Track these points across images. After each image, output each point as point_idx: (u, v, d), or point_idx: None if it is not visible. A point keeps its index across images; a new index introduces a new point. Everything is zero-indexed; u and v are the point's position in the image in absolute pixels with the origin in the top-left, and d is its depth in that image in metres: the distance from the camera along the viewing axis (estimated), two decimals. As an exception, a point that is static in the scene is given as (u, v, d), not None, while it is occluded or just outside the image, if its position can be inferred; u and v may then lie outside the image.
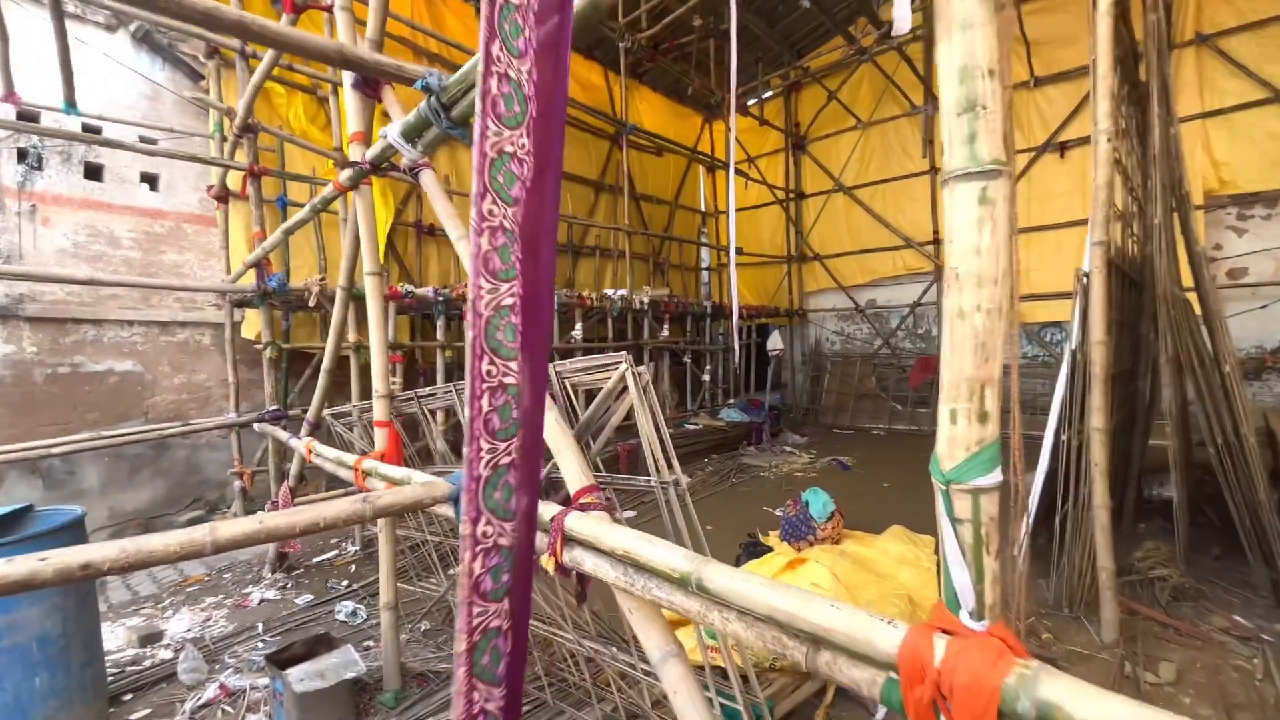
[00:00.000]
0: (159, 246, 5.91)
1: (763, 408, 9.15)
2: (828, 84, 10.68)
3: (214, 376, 6.18)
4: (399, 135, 1.99)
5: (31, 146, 5.20)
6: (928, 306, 10.46)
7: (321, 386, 3.54)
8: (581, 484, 1.52)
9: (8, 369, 5.06)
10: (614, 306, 7.45)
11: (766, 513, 5.48)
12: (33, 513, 2.45)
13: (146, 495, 5.80)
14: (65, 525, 2.36)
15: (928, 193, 10.19)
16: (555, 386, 1.80)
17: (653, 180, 11.31)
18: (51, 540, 2.31)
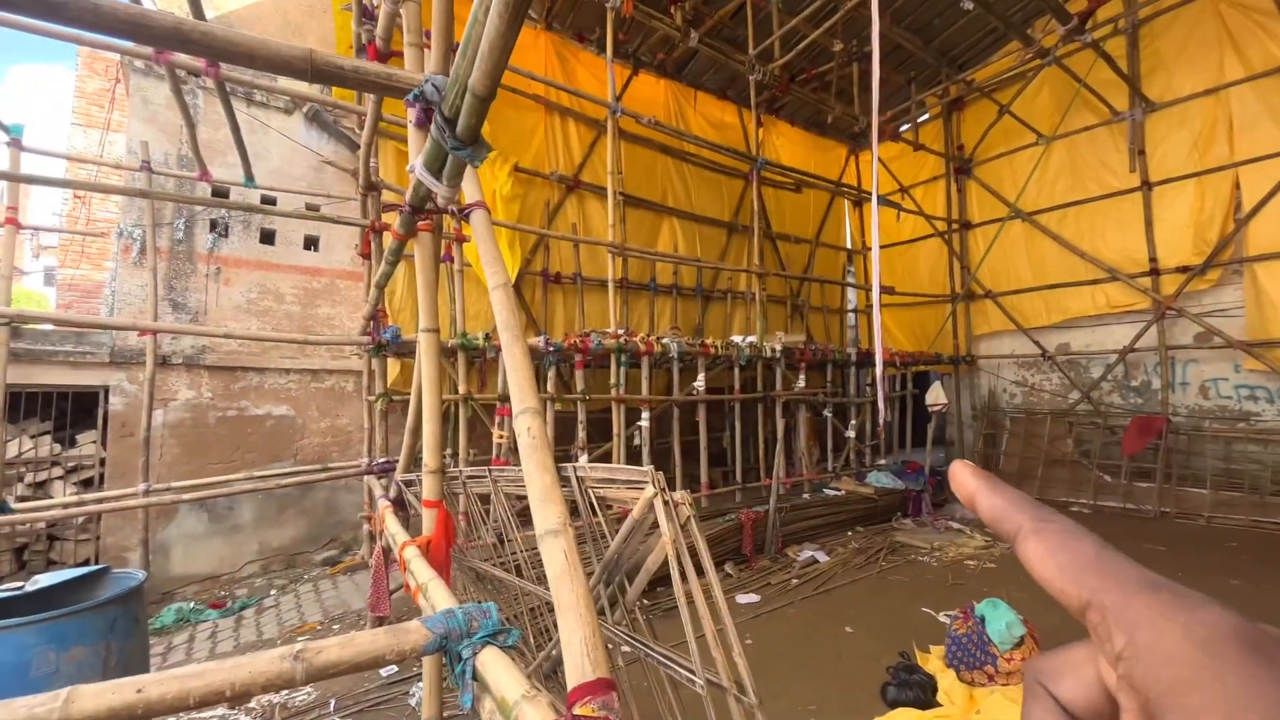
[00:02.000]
0: (315, 301, 6.46)
1: (921, 472, 7.78)
2: (998, 97, 9.29)
3: (354, 421, 6.54)
4: (423, 168, 1.66)
5: (220, 217, 5.96)
6: (1144, 353, 8.36)
7: (407, 446, 3.35)
8: (584, 675, 0.95)
9: (188, 412, 5.71)
10: (741, 354, 6.79)
11: (926, 616, 4.35)
12: (106, 575, 2.41)
13: (290, 532, 6.18)
14: (129, 591, 2.26)
15: (1139, 213, 8.26)
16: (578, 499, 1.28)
17: (791, 218, 10.58)
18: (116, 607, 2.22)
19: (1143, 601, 0.19)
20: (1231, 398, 7.67)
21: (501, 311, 1.64)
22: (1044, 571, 0.23)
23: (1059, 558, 0.22)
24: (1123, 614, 0.20)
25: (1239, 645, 0.17)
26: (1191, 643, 0.18)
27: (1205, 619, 0.18)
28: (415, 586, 1.86)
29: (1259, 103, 7.26)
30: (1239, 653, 0.17)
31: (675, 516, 0.99)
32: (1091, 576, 0.21)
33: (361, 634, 1.20)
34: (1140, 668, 0.19)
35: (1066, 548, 0.22)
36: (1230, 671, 0.17)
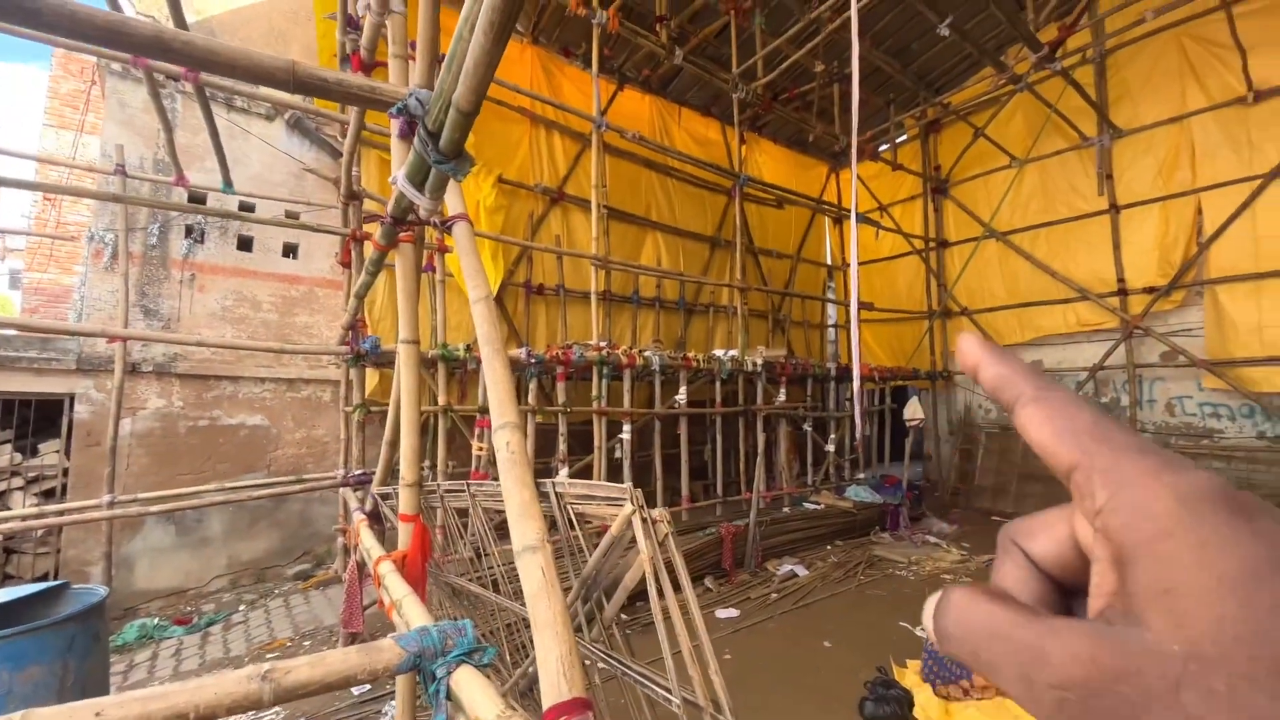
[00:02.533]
0: (293, 309, 6.37)
1: (899, 486, 7.86)
2: (973, 121, 9.56)
3: (331, 432, 6.43)
4: (405, 180, 1.65)
5: (196, 223, 5.86)
6: (1114, 371, 8.59)
7: (384, 458, 3.30)
8: (560, 694, 0.94)
9: (158, 421, 5.56)
10: (723, 368, 6.82)
11: (904, 630, 4.38)
12: (66, 591, 2.33)
13: (262, 546, 6.03)
14: (89, 608, 2.18)
15: (1107, 235, 8.53)
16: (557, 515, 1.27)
17: (773, 233, 10.73)
18: (75, 624, 2.14)
19: (1131, 461, 0.20)
20: (1196, 415, 7.90)
21: (483, 325, 1.64)
22: (1040, 435, 0.23)
23: (1056, 423, 0.23)
24: (1110, 472, 0.21)
25: (1219, 503, 0.18)
26: (1174, 499, 0.19)
27: (1190, 479, 0.19)
28: (390, 603, 1.83)
29: (1219, 131, 7.57)
30: (1217, 509, 0.18)
31: (653, 534, 0.99)
32: (1085, 439, 0.22)
33: (332, 653, 1.18)
34: (1119, 519, 0.20)
35: (1065, 414, 0.23)
36: (1206, 524, 0.18)
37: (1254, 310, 7.28)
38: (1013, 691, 0.20)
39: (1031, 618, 0.21)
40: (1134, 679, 0.17)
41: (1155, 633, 0.18)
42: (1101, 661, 0.18)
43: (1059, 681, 0.19)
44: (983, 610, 0.22)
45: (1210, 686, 0.16)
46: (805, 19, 7.37)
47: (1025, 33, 6.57)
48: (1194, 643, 0.17)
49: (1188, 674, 0.17)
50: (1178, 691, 0.17)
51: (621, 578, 1.15)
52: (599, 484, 1.17)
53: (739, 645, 4.20)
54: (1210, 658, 0.17)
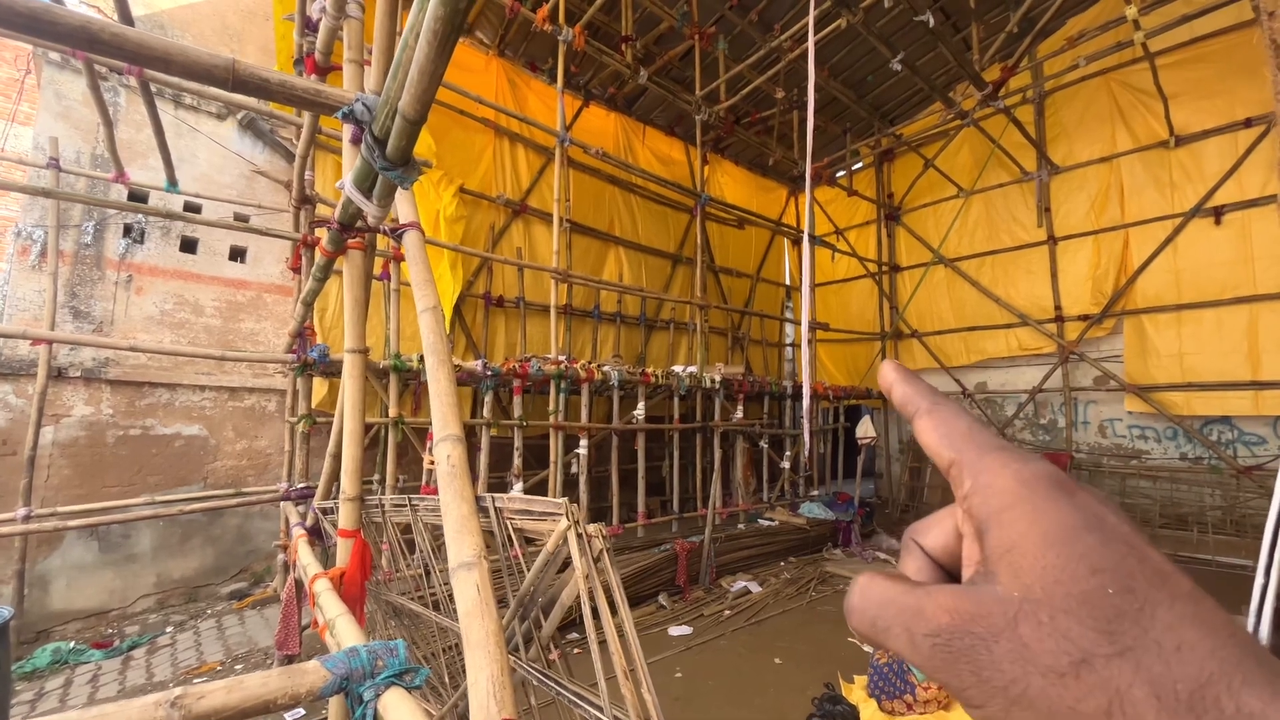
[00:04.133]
0: (239, 315, 6.12)
1: (851, 503, 8.03)
2: (924, 152, 10.00)
3: (274, 444, 6.17)
4: (353, 185, 1.62)
5: (136, 222, 5.59)
6: (1051, 393, 9.03)
7: (327, 471, 3.19)
8: (490, 716, 0.92)
9: (84, 430, 5.23)
10: (681, 384, 6.87)
11: (852, 646, 4.45)
12: (-35, 612, 2.15)
13: (195, 563, 5.71)
14: (-9, 632, 2.01)
15: (1046, 264, 9.01)
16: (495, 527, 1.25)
17: (734, 253, 10.92)
18: (-28, 649, 1.97)
19: (990, 456, 0.26)
20: (1125, 437, 8.35)
21: (429, 335, 1.61)
22: (928, 440, 0.28)
23: (940, 429, 0.28)
24: (974, 464, 0.26)
25: (1049, 482, 0.24)
26: (1016, 480, 0.24)
27: (1030, 466, 0.25)
28: (323, 623, 1.76)
29: (1145, 172, 8.13)
30: (1048, 487, 0.24)
31: (589, 550, 0.98)
32: (960, 441, 0.27)
33: (251, 676, 1.12)
34: (978, 499, 0.25)
35: (948, 422, 0.28)
36: (1038, 496, 0.24)
37: (1175, 338, 7.79)
38: (897, 645, 0.24)
39: (915, 587, 0.26)
40: (985, 620, 0.22)
41: (1003, 584, 0.23)
42: (962, 609, 0.23)
43: (931, 630, 0.23)
44: (879, 586, 0.26)
45: (1038, 619, 0.21)
46: (766, 47, 7.60)
47: (971, 72, 6.93)
48: (1028, 588, 0.22)
49: (1023, 611, 0.22)
50: (1016, 625, 0.21)
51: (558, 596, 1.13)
52: (537, 499, 1.16)
53: (690, 663, 4.18)
54: (1038, 598, 0.22)
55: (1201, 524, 7.17)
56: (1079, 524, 0.22)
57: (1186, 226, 7.71)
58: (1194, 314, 7.61)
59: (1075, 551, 0.22)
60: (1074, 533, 0.22)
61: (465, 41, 7.61)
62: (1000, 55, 8.30)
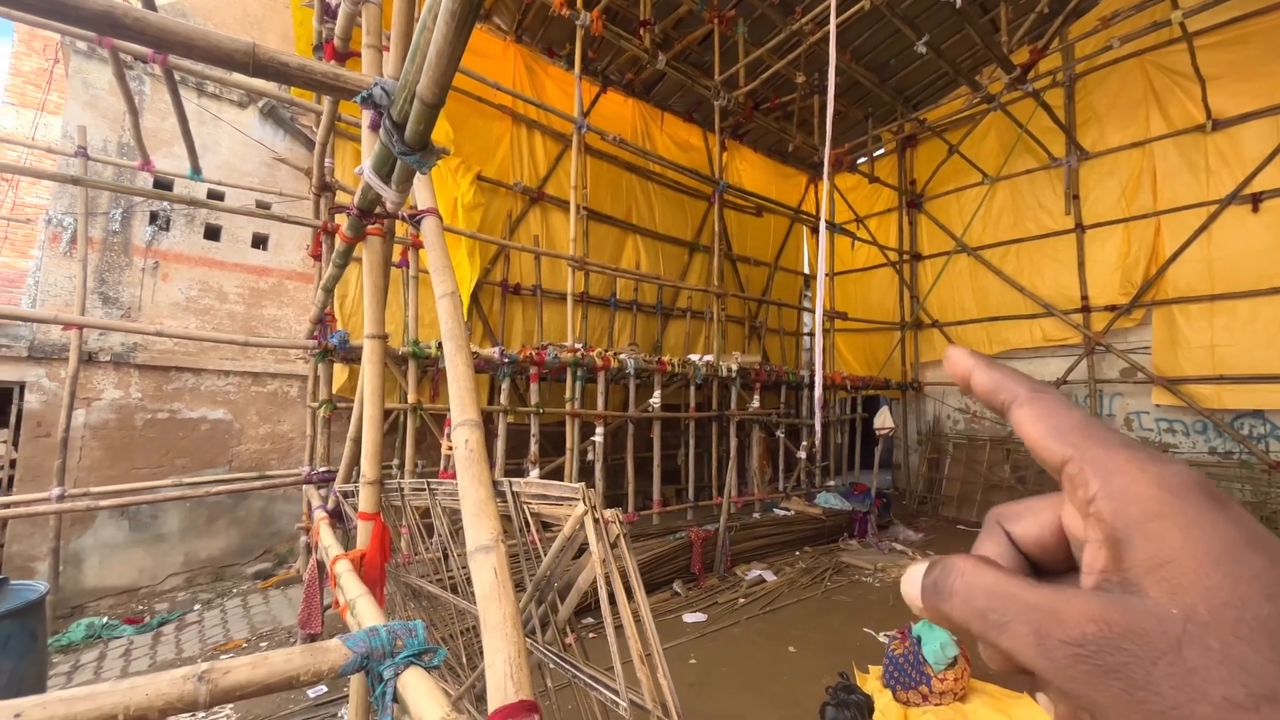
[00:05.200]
0: (261, 301, 6.21)
1: (868, 494, 7.97)
2: (948, 137, 9.77)
3: (297, 428, 6.28)
4: (371, 171, 1.62)
5: (162, 209, 5.69)
6: (1076, 385, 8.84)
7: (348, 455, 3.23)
8: (506, 697, 0.92)
9: (114, 413, 5.37)
10: (697, 373, 6.85)
11: (867, 636, 4.44)
12: (5, 587, 2.23)
13: (221, 544, 5.86)
14: (27, 605, 2.09)
15: (1073, 253, 8.79)
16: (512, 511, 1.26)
17: (752, 241, 10.82)
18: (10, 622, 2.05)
19: (1120, 455, 0.23)
20: (1153, 430, 8.17)
21: (447, 320, 1.62)
22: (1033, 432, 0.26)
23: (1048, 421, 0.25)
24: (1101, 464, 0.23)
25: (1198, 491, 0.22)
26: (1160, 487, 0.22)
27: (1172, 470, 0.23)
28: (344, 603, 1.79)
29: (1179, 157, 7.86)
30: (1198, 496, 0.22)
31: (605, 535, 0.98)
32: (1075, 436, 0.25)
33: (275, 653, 1.14)
34: (1112, 505, 0.23)
35: (1056, 413, 0.26)
36: (1190, 507, 0.21)
37: (1207, 330, 7.56)
38: (1017, 644, 0.22)
39: (1038, 584, 0.23)
40: (1140, 637, 0.20)
41: (1154, 599, 0.21)
42: (1112, 622, 0.21)
43: (1073, 639, 0.21)
44: (990, 575, 0.24)
45: (1206, 644, 0.19)
46: (787, 30, 7.46)
47: (999, 54, 6.74)
48: (1190, 608, 0.20)
49: (1187, 634, 0.20)
50: (1180, 648, 0.20)
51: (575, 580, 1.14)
52: (553, 483, 1.16)
53: (705, 649, 4.20)
54: (1204, 620, 0.20)
55: (1230, 520, 7.00)
56: (1242, 541, 0.21)
57: (1222, 214, 7.45)
58: (1228, 304, 7.38)
59: (1245, 573, 0.20)
60: (1239, 551, 0.20)
61: (482, 27, 7.58)
62: (1030, 37, 8.06)
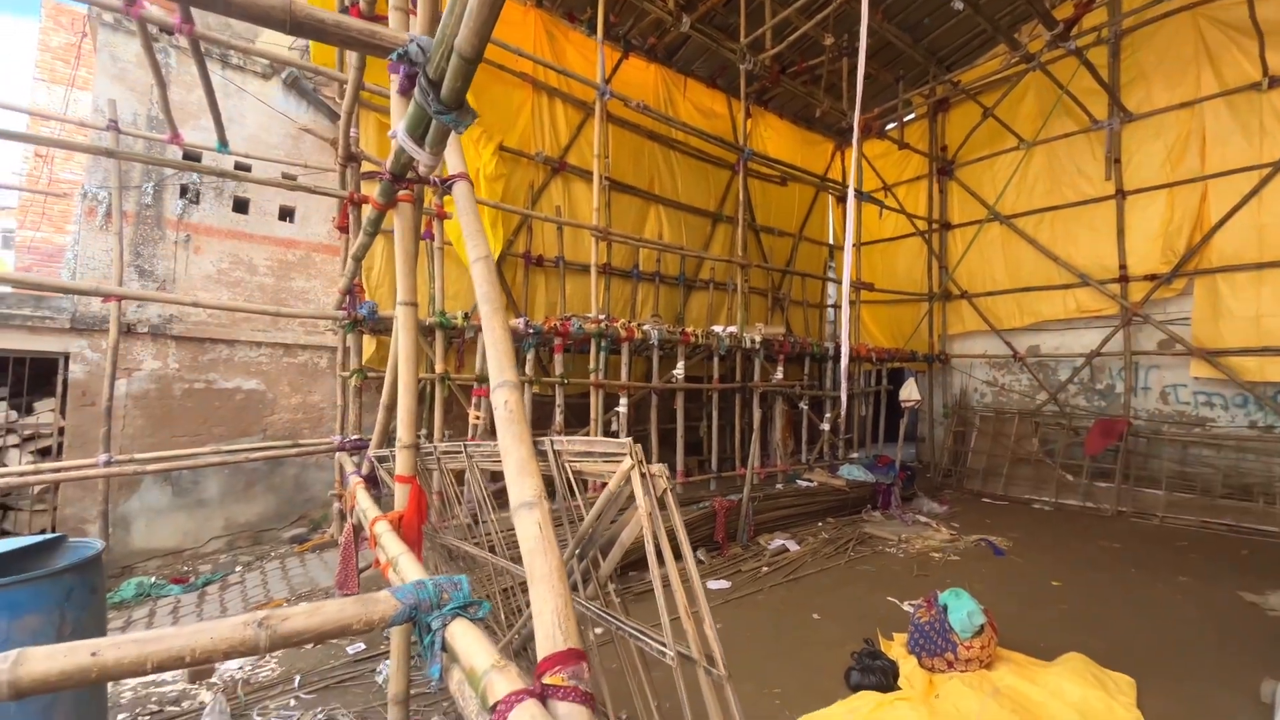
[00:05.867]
0: (289, 273, 6.31)
1: (892, 466, 7.92)
2: (983, 100, 9.40)
3: (327, 398, 6.42)
4: (405, 133, 1.61)
5: (191, 183, 5.76)
6: (1110, 357, 8.61)
7: (381, 423, 3.30)
8: (555, 645, 0.94)
9: (153, 383, 5.54)
10: (721, 344, 6.81)
11: (891, 605, 4.45)
12: (63, 544, 2.34)
13: (258, 509, 6.07)
14: (86, 560, 2.19)
15: (1111, 221, 8.47)
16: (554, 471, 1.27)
17: (775, 211, 10.62)
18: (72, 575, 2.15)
19: None
20: (1190, 403, 7.94)
21: (482, 284, 1.62)
22: None
23: None
24: None
25: None
26: None
27: None
28: (385, 561, 1.84)
29: (1231, 118, 7.47)
30: None
31: (652, 489, 0.99)
32: None
33: (329, 603, 1.18)
34: None
35: None
36: None
37: (1253, 300, 7.28)
38: None
39: None
40: None
41: None
42: None
43: None
44: None
45: None
46: (816, -11, 7.19)
47: (1040, 9, 6.42)
48: None
49: None
50: None
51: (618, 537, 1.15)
52: (598, 440, 1.17)
53: (729, 616, 4.26)
54: None
55: (1269, 495, 6.83)
56: None
57: (1276, 177, 7.09)
58: (1276, 273, 7.07)
59: None
60: None
61: (503, -8, 7.42)
62: (1074, -10, 7.64)
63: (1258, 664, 3.36)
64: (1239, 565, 5.46)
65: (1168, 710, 2.98)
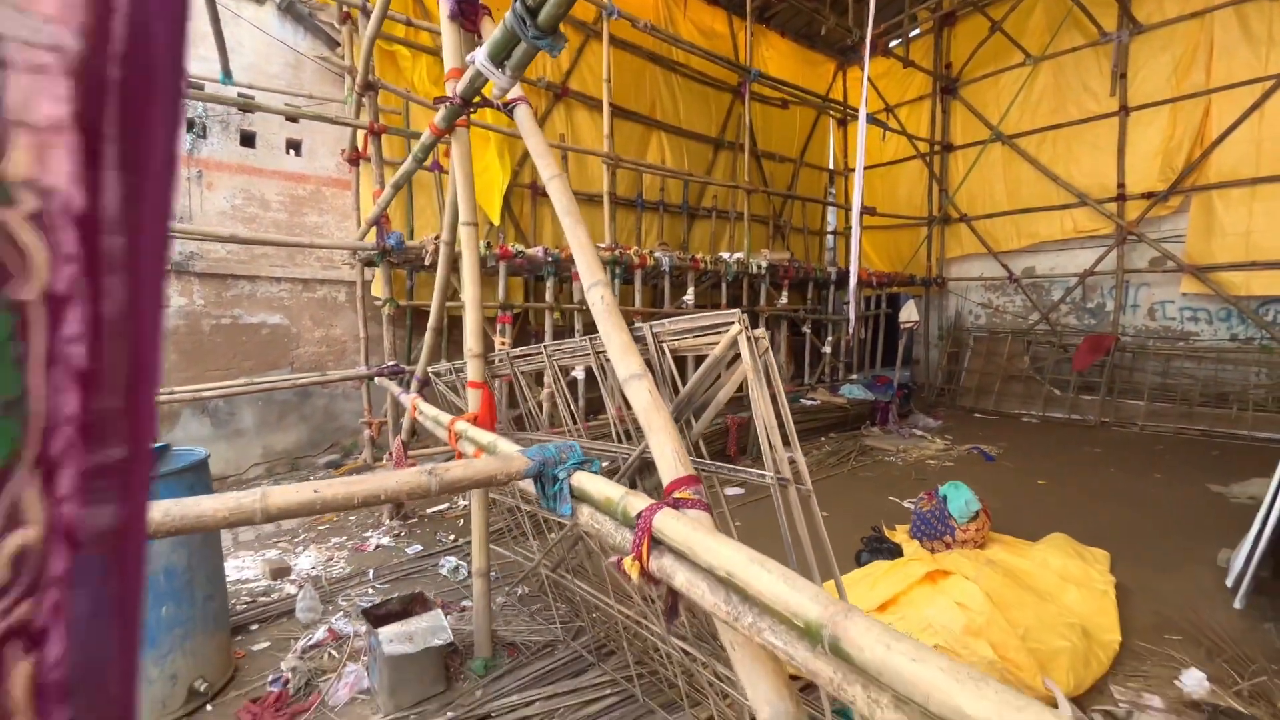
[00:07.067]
0: (301, 209, 6.34)
1: (890, 385, 8.30)
2: (991, 13, 9.17)
3: (348, 332, 6.61)
4: (486, 58, 1.75)
5: (197, 116, 5.70)
6: (1102, 276, 8.86)
7: (428, 345, 3.53)
8: (677, 473, 1.21)
9: (182, 319, 5.70)
10: (729, 270, 6.99)
11: (893, 503, 4.89)
12: (169, 451, 2.60)
13: (293, 437, 6.38)
14: (191, 466, 2.47)
15: (1113, 139, 8.50)
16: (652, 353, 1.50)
17: (777, 136, 10.51)
18: (178, 480, 2.42)
19: None
20: (1176, 319, 8.28)
21: (561, 198, 1.81)
22: None
23: None
24: None
25: None
26: None
27: None
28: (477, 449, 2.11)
29: (1240, 28, 7.40)
30: None
31: (755, 349, 1.23)
32: None
33: (478, 460, 1.46)
34: None
35: None
36: None
37: (1245, 216, 7.47)
38: None
39: None
40: None
41: None
42: None
43: None
44: None
45: None
46: (825, -107, 6.88)
47: (1056, -87, 6.23)
48: None
49: None
50: None
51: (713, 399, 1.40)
52: (703, 314, 1.40)
53: (745, 516, 4.66)
54: None
55: (1242, 402, 7.27)
56: None
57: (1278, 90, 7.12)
58: (1271, 188, 7.22)
59: None
60: None
61: (496, -98, 7.06)
62: (1090, -109, 7.36)
63: (1219, 540, 3.80)
64: (1209, 464, 5.93)
65: (1139, 576, 3.42)
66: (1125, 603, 3.07)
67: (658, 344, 1.51)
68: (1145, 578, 3.41)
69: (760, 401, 1.20)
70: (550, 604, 2.94)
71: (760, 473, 1.28)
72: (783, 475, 1.24)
